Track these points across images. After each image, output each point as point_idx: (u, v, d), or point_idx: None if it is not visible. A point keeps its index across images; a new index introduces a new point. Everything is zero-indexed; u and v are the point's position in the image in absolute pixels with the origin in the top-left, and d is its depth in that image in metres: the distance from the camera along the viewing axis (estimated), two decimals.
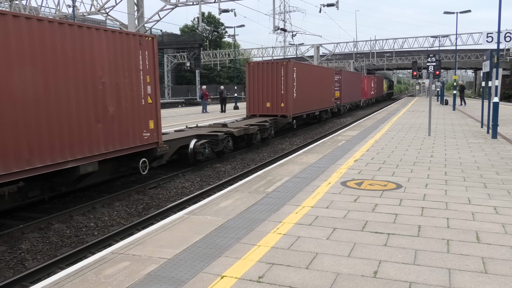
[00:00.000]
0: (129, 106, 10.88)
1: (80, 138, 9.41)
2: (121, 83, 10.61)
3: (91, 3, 28.35)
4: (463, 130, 18.84)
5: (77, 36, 9.30)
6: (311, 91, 26.57)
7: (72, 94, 9.17)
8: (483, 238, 5.74)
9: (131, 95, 10.94)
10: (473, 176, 9.52)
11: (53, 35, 8.73)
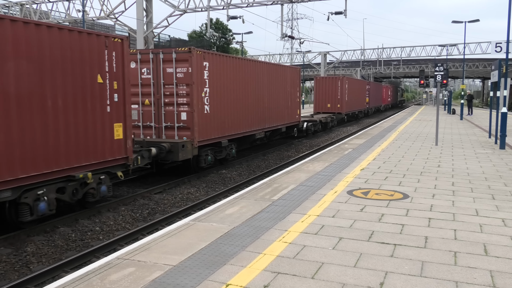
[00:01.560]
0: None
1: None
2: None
3: (101, 8, 28.54)
4: (471, 140, 18.75)
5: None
6: (355, 97, 38.67)
7: None
8: (491, 251, 5.68)
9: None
10: (480, 187, 9.46)
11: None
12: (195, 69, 13.62)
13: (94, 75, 9.91)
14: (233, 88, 16.18)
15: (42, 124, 8.69)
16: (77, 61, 9.44)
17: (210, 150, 14.98)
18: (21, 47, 8.23)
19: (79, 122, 9.54)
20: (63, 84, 9.13)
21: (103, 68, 10.13)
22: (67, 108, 9.24)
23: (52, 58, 8.87)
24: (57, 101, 9.00)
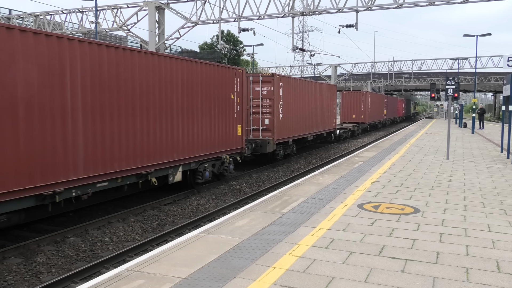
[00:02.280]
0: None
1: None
2: None
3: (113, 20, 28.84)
4: (482, 154, 18.61)
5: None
6: (375, 109, 44.98)
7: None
8: (504, 268, 5.61)
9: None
10: (493, 202, 9.36)
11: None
12: (275, 88, 19.12)
13: (229, 94, 15.29)
14: (296, 102, 21.63)
15: (209, 125, 14.16)
16: (222, 84, 14.82)
17: (282, 146, 20.48)
18: (200, 76, 13.58)
19: (223, 123, 14.94)
20: (217, 99, 14.52)
21: (233, 89, 15.53)
22: (219, 114, 14.68)
23: (212, 83, 14.23)
24: (215, 110, 14.46)
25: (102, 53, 9.87)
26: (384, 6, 23.58)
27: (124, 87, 10.49)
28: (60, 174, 8.85)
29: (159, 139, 11.69)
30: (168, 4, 27.40)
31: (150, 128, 11.36)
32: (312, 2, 25.21)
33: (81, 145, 9.31)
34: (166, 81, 11.99)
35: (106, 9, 29.16)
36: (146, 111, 11.21)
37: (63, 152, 8.92)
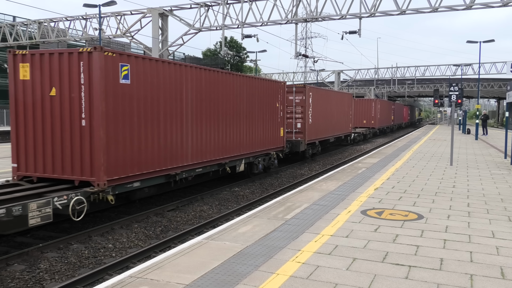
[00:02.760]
0: None
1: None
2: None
3: (117, 27, 28.96)
4: (486, 161, 18.56)
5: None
6: (384, 115, 49.07)
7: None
8: (508, 274, 5.59)
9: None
10: (496, 209, 9.34)
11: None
12: (306, 97, 22.54)
13: (275, 102, 18.55)
14: (321, 109, 24.88)
15: (262, 127, 17.35)
16: (270, 95, 18.11)
17: (310, 146, 23.53)
18: (257, 89, 16.97)
19: (270, 126, 18.19)
20: (267, 107, 17.83)
21: (277, 98, 18.77)
22: (268, 119, 17.95)
23: (264, 94, 17.57)
24: (266, 116, 17.75)
25: (201, 74, 13.20)
26: (387, 13, 23.62)
27: (212, 99, 13.79)
28: (178, 161, 12.18)
29: (231, 138, 15.08)
30: (172, 11, 27.51)
31: (226, 130, 14.72)
32: (316, 9, 25.28)
33: (190, 141, 12.70)
34: (236, 94, 15.33)
35: (110, 16, 29.30)
36: (224, 117, 14.51)
37: (180, 146, 12.27)
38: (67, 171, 9.86)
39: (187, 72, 12.53)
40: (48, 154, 10.00)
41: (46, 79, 9.94)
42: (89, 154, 9.65)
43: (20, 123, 10.25)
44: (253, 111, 16.54)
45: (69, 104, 9.78)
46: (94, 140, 9.57)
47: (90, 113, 9.61)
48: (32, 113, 10.13)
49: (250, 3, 25.85)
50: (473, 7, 21.84)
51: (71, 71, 9.70)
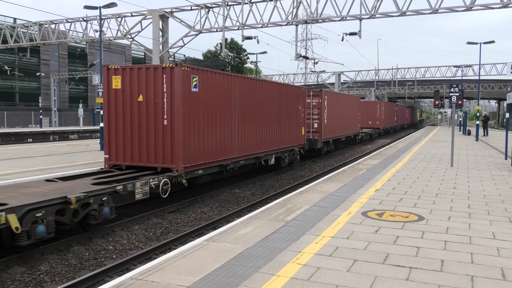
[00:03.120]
0: None
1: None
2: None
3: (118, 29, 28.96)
4: (487, 162, 18.55)
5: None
6: (388, 116, 52.45)
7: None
8: (509, 276, 5.58)
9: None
10: (497, 210, 9.33)
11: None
12: (322, 100, 25.36)
13: (297, 105, 21.19)
14: (334, 110, 27.81)
15: (288, 127, 20.06)
16: (294, 99, 20.81)
17: (325, 144, 26.19)
18: (285, 94, 19.66)
19: (294, 126, 20.83)
20: (292, 109, 20.49)
21: (299, 102, 21.52)
22: (292, 119, 20.53)
23: (290, 98, 20.31)
24: (291, 117, 20.44)
25: (244, 82, 15.91)
26: (388, 14, 23.62)
27: (251, 102, 16.39)
28: (228, 154, 14.76)
29: (265, 136, 17.68)
30: (172, 13, 27.52)
31: (261, 129, 17.34)
32: (316, 10, 25.28)
33: (236, 138, 15.29)
34: (269, 98, 18.01)
35: (111, 18, 29.32)
36: (260, 118, 17.17)
37: (230, 141, 14.86)
38: (151, 160, 12.57)
39: (234, 81, 15.20)
40: (135, 147, 12.68)
41: (134, 88, 12.55)
42: (170, 147, 12.30)
43: (112, 123, 12.89)
44: (281, 113, 19.35)
45: (154, 107, 12.39)
46: (174, 136, 12.24)
47: (171, 114, 12.24)
48: (122, 115, 12.73)
49: (250, 5, 25.86)
50: (473, 8, 21.84)
51: (156, 82, 12.30)
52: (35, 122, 51.84)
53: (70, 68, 59.65)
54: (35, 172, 13.71)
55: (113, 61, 65.75)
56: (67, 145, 26.35)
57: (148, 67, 12.57)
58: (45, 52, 55.89)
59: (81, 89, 62.90)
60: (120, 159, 12.90)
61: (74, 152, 21.12)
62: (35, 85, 56.23)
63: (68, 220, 9.03)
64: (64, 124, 56.83)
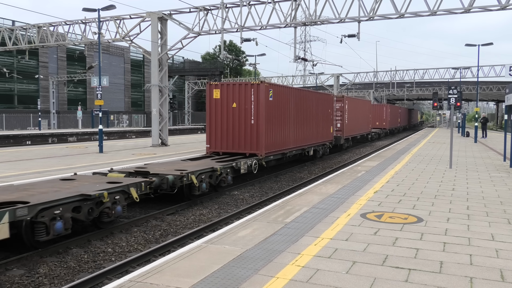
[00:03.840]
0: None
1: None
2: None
3: (116, 31, 28.96)
4: (485, 163, 18.57)
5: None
6: (393, 117, 58.12)
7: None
8: (508, 277, 5.58)
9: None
10: (496, 211, 9.34)
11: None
12: (344, 104, 30.77)
13: (328, 109, 25.92)
14: (352, 112, 33.20)
15: (322, 126, 24.96)
16: (327, 103, 25.50)
17: (346, 141, 31.36)
18: (322, 100, 25.08)
19: (325, 125, 25.38)
20: (324, 112, 25.11)
21: (329, 106, 26.35)
22: (324, 120, 25.04)
23: (324, 103, 25.26)
24: (324, 118, 25.20)
25: (296, 92, 21.45)
26: (386, 16, 23.65)
27: (299, 107, 21.29)
28: (286, 145, 19.88)
29: (308, 132, 22.61)
30: (171, 15, 27.54)
31: (306, 127, 22.30)
32: (314, 12, 25.32)
33: (291, 134, 20.42)
34: (310, 105, 22.96)
35: (109, 20, 29.32)
36: (305, 119, 22.12)
37: (287, 136, 19.96)
38: (242, 148, 17.74)
39: (290, 91, 20.69)
40: (229, 139, 17.90)
41: (230, 98, 17.70)
42: (256, 139, 17.54)
43: (212, 122, 18.06)
44: (317, 115, 24.20)
45: (244, 111, 17.57)
46: (259, 131, 17.49)
47: (257, 116, 17.45)
48: (220, 117, 17.90)
49: (249, 7, 25.88)
50: (471, 10, 21.88)
51: (246, 94, 17.48)
52: (33, 125, 51.85)
53: (69, 70, 59.60)
54: (34, 175, 13.70)
55: (112, 63, 65.76)
56: (66, 147, 26.36)
57: (240, 83, 17.77)
58: (44, 54, 55.86)
59: (80, 91, 62.83)
60: (218, 147, 18.19)
61: (73, 154, 21.12)
62: (33, 88, 56.19)
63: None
64: (63, 127, 56.79)
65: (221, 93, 17.74)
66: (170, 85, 43.07)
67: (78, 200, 9.33)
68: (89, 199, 9.51)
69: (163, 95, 27.45)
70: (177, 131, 53.29)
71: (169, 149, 22.98)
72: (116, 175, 12.41)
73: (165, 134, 27.40)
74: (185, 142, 29.75)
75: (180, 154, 20.26)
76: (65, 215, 8.92)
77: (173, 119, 68.66)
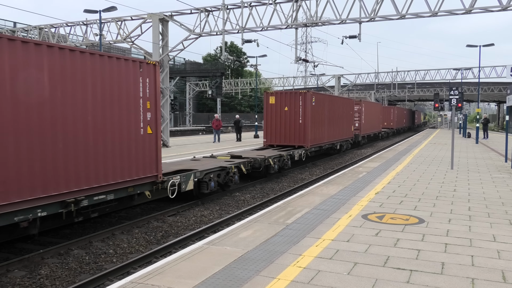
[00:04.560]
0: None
1: None
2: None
3: (117, 32, 29.00)
4: (487, 164, 18.55)
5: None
6: (399, 118, 62.34)
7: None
8: (510, 278, 5.58)
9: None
10: (497, 212, 9.32)
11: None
12: (361, 107, 36.09)
13: (349, 111, 31.04)
14: (368, 114, 38.56)
15: (345, 125, 29.81)
16: (347, 107, 30.49)
17: (363, 138, 36.60)
18: (347, 104, 30.89)
19: (348, 125, 30.49)
20: (346, 113, 30.02)
21: (351, 108, 31.63)
22: (347, 120, 30.53)
23: (346, 106, 30.05)
24: (347, 118, 30.24)
25: (329, 98, 26.71)
26: (387, 17, 23.65)
27: (331, 110, 25.96)
28: (322, 140, 24.60)
29: (336, 130, 27.12)
30: (172, 16, 27.57)
31: (334, 125, 26.77)
32: (315, 14, 25.33)
33: (325, 131, 24.95)
34: (337, 107, 27.53)
35: (110, 21, 29.36)
36: (334, 119, 26.57)
37: (322, 133, 24.56)
38: (292, 141, 22.36)
39: (325, 97, 25.91)
40: (282, 134, 22.50)
41: (282, 103, 22.36)
42: (303, 134, 22.16)
43: (268, 122, 22.72)
44: (342, 116, 28.69)
45: (294, 114, 22.21)
46: (306, 128, 22.09)
47: (303, 117, 22.09)
48: (275, 117, 22.54)
49: (250, 8, 25.90)
50: (472, 11, 21.87)
51: (295, 100, 22.21)
52: None
53: None
54: None
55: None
56: None
57: (291, 92, 23.71)
58: None
59: None
60: (273, 141, 22.88)
61: None
62: None
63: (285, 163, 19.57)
64: None
65: (275, 100, 22.59)
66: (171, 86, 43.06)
67: (219, 170, 14.56)
68: (225, 170, 14.82)
69: (164, 96, 27.46)
70: (178, 132, 53.28)
71: (170, 151, 22.98)
72: (223, 158, 17.45)
73: (166, 135, 27.40)
74: (186, 143, 29.75)
75: (181, 155, 20.25)
76: (214, 178, 13.99)
77: (174, 120, 68.68)
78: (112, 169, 9.81)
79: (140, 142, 10.68)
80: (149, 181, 11.13)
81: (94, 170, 9.32)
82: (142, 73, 10.78)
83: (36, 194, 8.08)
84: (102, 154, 9.51)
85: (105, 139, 9.61)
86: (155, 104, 11.17)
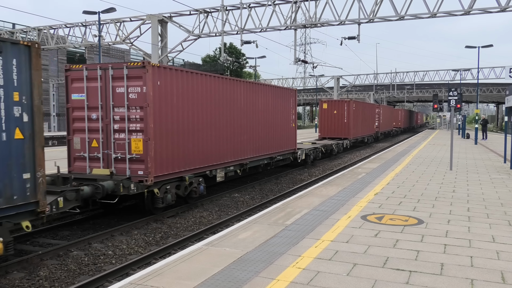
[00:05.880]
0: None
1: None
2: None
3: (116, 33, 29.01)
4: (486, 165, 18.57)
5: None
6: (404, 119, 70.41)
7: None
8: (509, 279, 5.58)
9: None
10: (496, 213, 9.33)
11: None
12: (379, 110, 45.43)
13: (373, 113, 43.00)
14: (384, 115, 48.16)
15: (370, 123, 40.92)
16: (372, 109, 42.62)
17: (381, 134, 46.28)
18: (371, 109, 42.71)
19: (372, 123, 41.78)
20: (371, 114, 41.12)
21: (374, 111, 43.31)
22: (371, 121, 40.93)
23: (369, 111, 40.57)
24: (371, 118, 41.51)
25: (362, 104, 37.20)
26: (386, 18, 23.70)
27: (360, 112, 34.68)
28: (358, 134, 34.85)
29: (364, 127, 36.35)
30: (171, 18, 27.59)
31: (364, 124, 36.23)
32: (314, 15, 25.36)
33: (359, 128, 35.09)
34: (366, 110, 37.19)
35: (109, 22, 29.37)
36: (363, 120, 36.11)
37: (358, 129, 34.89)
38: (338, 134, 31.24)
39: (359, 104, 34.37)
40: (331, 129, 31.53)
41: (333, 108, 31.54)
42: (347, 129, 31.38)
43: (322, 121, 32.13)
44: (368, 117, 37.27)
45: (340, 115, 31.23)
46: (349, 125, 31.44)
47: (347, 118, 31.34)
48: (327, 118, 31.77)
49: (249, 10, 25.93)
50: (471, 12, 21.92)
51: (342, 105, 31.57)
52: None
53: None
54: None
55: None
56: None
57: (338, 100, 32.88)
58: (44, 57, 55.88)
59: None
60: (325, 134, 31.29)
61: None
62: None
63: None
64: (63, 129, 56.77)
65: (327, 106, 31.79)
66: None
67: (313, 149, 23.30)
68: (316, 149, 23.77)
69: None
70: None
71: None
72: (308, 144, 25.35)
73: None
74: None
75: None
76: (310, 155, 22.45)
77: None
78: (279, 144, 19.29)
79: (290, 131, 20.31)
80: (292, 151, 20.71)
81: (278, 145, 19.10)
82: (292, 95, 20.70)
83: (246, 155, 16.44)
84: (278, 138, 19.14)
85: (275, 130, 18.76)
86: (295, 110, 21.46)
